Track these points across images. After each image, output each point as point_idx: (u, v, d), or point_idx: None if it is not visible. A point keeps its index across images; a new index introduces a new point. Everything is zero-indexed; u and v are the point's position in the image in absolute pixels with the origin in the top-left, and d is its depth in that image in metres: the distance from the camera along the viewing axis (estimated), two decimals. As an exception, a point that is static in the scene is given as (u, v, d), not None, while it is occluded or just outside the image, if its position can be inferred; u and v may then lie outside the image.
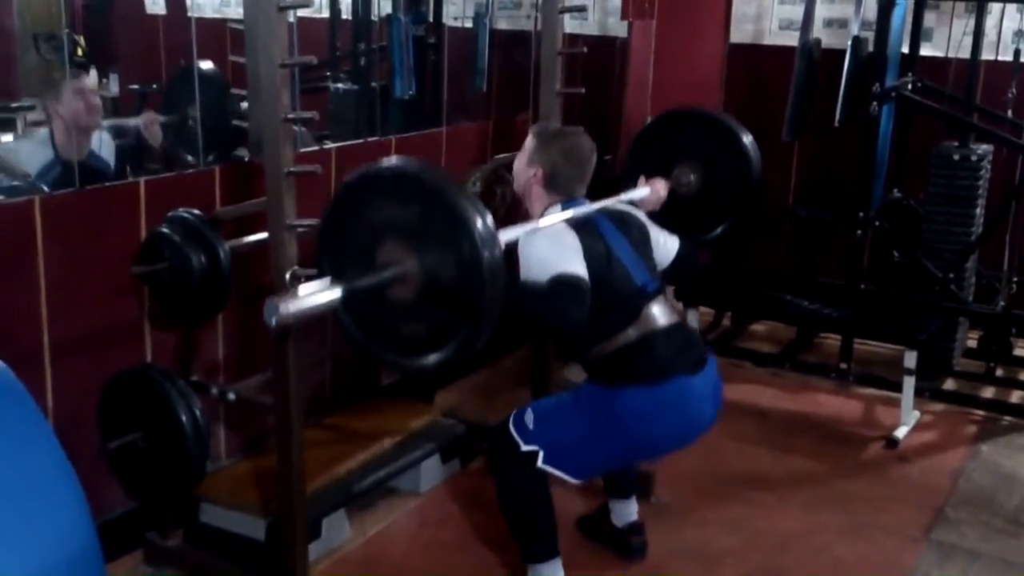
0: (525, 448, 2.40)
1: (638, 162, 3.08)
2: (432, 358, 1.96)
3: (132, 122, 3.57)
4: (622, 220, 2.54)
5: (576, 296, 2.20)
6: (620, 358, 2.39)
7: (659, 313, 2.44)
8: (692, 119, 3.18)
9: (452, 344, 1.92)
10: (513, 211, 3.17)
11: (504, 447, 2.46)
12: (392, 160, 2.07)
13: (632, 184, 2.84)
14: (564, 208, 2.44)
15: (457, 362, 1.97)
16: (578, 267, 2.25)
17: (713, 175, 3.06)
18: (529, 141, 2.55)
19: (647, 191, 2.79)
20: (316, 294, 1.89)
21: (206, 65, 3.31)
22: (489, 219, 1.86)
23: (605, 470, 2.54)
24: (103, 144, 3.35)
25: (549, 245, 2.29)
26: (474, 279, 1.84)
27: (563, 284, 2.20)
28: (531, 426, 2.43)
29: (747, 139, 3.08)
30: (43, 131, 3.21)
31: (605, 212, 2.50)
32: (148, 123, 3.54)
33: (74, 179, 2.65)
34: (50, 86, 3.25)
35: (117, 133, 3.45)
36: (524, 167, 2.54)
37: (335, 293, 1.90)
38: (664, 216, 2.77)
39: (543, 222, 2.34)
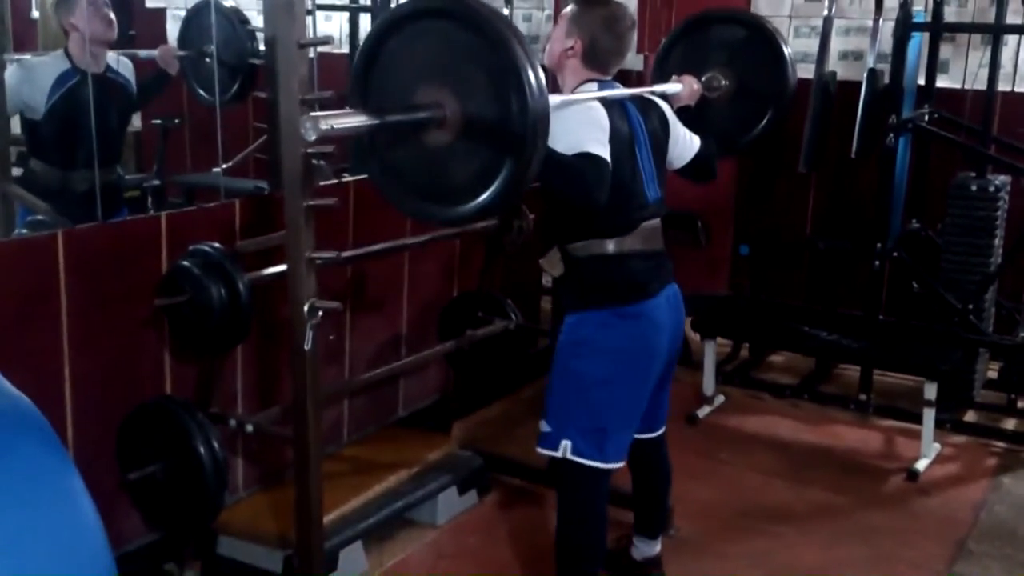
0: (559, 454, 2.41)
1: (665, 73, 2.99)
2: (475, 202, 1.92)
3: (149, 53, 3.69)
4: (647, 108, 2.51)
5: (598, 173, 2.18)
6: (596, 265, 2.39)
7: (649, 234, 2.44)
8: (716, 21, 3.11)
9: (497, 185, 1.89)
10: (529, 244, 3.18)
11: (555, 473, 2.48)
12: None
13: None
14: (600, 88, 2.40)
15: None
16: (602, 149, 2.22)
17: (744, 77, 2.99)
18: (569, 10, 2.45)
19: (680, 86, 2.73)
20: (352, 115, 1.87)
21: (225, 2, 3.38)
22: (541, 71, 1.85)
23: (622, 428, 2.48)
24: (121, 63, 3.47)
25: (579, 120, 2.25)
26: (521, 126, 1.82)
27: (589, 161, 2.18)
28: (548, 429, 2.43)
29: (778, 37, 3.03)
30: (59, 50, 3.30)
31: (634, 98, 2.48)
32: (166, 54, 3.65)
33: (92, 88, 2.71)
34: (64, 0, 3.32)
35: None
36: (561, 38, 2.43)
37: (370, 120, 1.88)
38: (697, 123, 2.70)
39: (578, 96, 2.32)
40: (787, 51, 3.01)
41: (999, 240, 3.92)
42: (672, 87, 2.72)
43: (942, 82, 4.26)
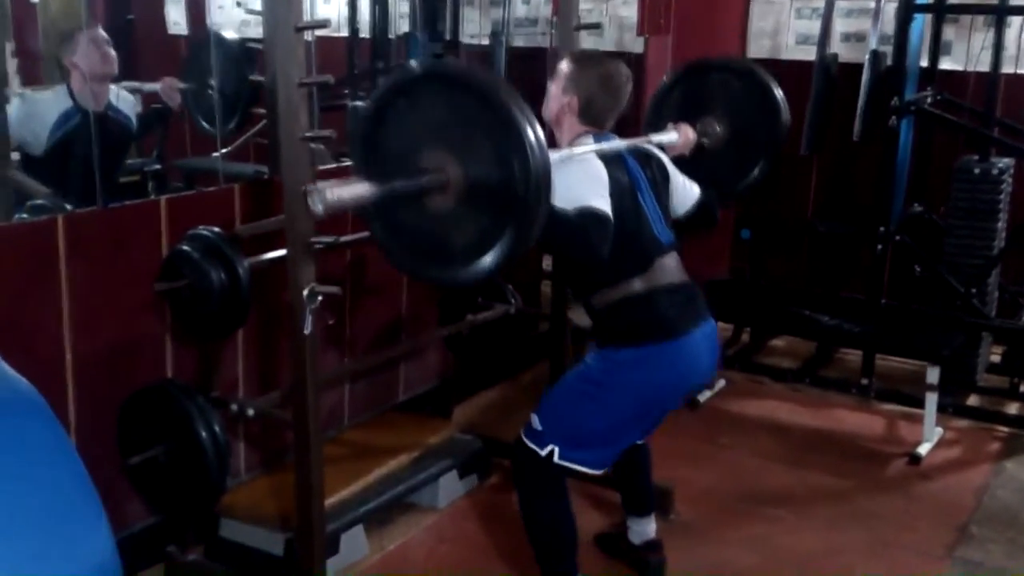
0: (543, 453, 2.40)
1: (659, 118, 2.99)
2: (485, 262, 1.95)
3: (151, 86, 3.65)
4: (646, 159, 2.52)
5: (600, 229, 2.19)
6: (623, 310, 2.38)
7: (670, 269, 2.43)
8: (713, 69, 3.11)
9: (500, 248, 1.92)
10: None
11: (523, 461, 2.47)
12: (436, 62, 2.07)
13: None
14: (596, 141, 2.41)
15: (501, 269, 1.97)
16: (604, 203, 2.24)
17: (738, 123, 2.99)
18: (565, 66, 2.49)
19: (676, 135, 2.74)
20: (356, 184, 1.92)
21: (227, 34, 3.38)
22: (539, 128, 1.88)
23: (619, 448, 2.51)
24: (121, 98, 3.45)
25: (579, 175, 2.27)
26: (523, 181, 1.85)
27: (590, 216, 2.19)
28: (539, 427, 2.43)
29: (771, 83, 3.02)
30: (61, 85, 3.28)
31: (632, 150, 2.49)
32: (167, 87, 3.61)
33: (94, 127, 2.72)
34: (65, 38, 3.29)
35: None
36: (558, 94, 2.47)
37: (375, 188, 1.93)
38: (693, 170, 2.72)
39: (576, 150, 2.33)
40: (779, 96, 3.02)
41: (1002, 223, 3.91)
42: (667, 136, 2.73)
43: (945, 64, 4.24)
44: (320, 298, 2.24)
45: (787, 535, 3.05)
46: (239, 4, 3.85)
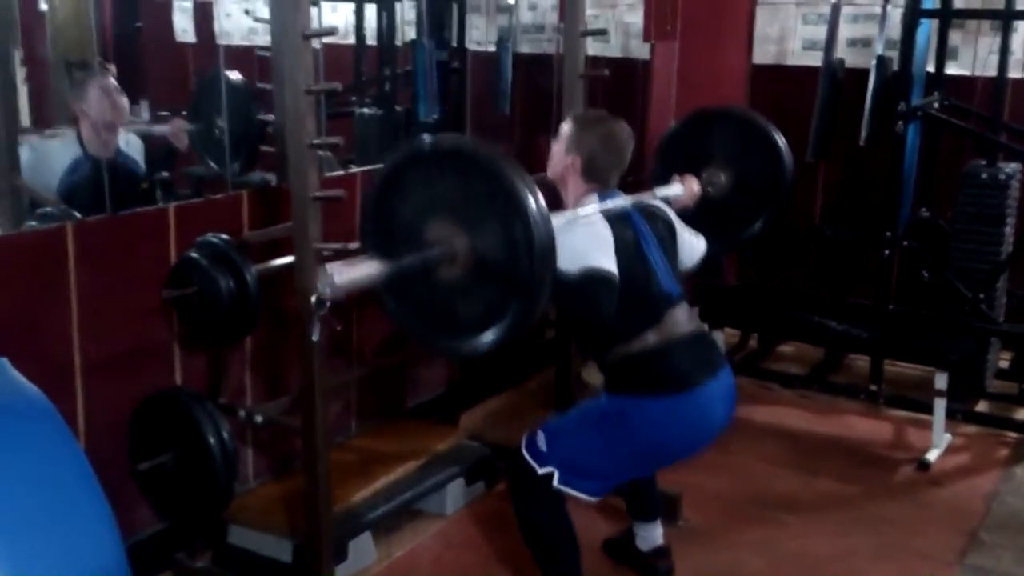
0: (541, 471, 2.40)
1: (665, 167, 3.03)
2: (487, 337, 1.98)
3: (159, 129, 3.62)
4: (651, 215, 2.54)
5: (607, 291, 2.21)
6: (637, 364, 2.38)
7: (681, 320, 2.43)
8: (718, 119, 3.14)
9: (504, 323, 1.95)
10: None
11: (520, 473, 2.46)
12: (440, 137, 2.12)
13: (663, 184, 2.81)
14: (601, 200, 2.43)
15: (511, 339, 2.00)
16: (609, 263, 2.26)
17: (743, 173, 3.00)
18: (567, 127, 2.53)
19: (681, 188, 2.76)
20: (364, 264, 1.94)
21: (233, 75, 3.39)
22: (541, 198, 1.90)
23: (620, 482, 2.54)
24: (130, 144, 3.42)
25: (583, 236, 2.29)
26: (527, 259, 1.88)
27: (595, 277, 2.21)
28: (544, 447, 2.42)
29: (775, 133, 3.03)
30: (70, 131, 3.26)
31: (637, 206, 2.51)
32: (175, 130, 3.60)
33: (103, 176, 2.71)
34: (76, 85, 3.28)
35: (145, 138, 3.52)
36: (561, 155, 2.51)
37: (383, 266, 1.96)
38: (697, 219, 2.74)
39: (581, 211, 2.35)
40: (782, 144, 3.02)
41: (1010, 228, 3.90)
42: (672, 190, 2.74)
43: (952, 69, 4.23)
44: (328, 305, 2.25)
45: (795, 540, 3.05)
46: (247, 12, 3.85)
